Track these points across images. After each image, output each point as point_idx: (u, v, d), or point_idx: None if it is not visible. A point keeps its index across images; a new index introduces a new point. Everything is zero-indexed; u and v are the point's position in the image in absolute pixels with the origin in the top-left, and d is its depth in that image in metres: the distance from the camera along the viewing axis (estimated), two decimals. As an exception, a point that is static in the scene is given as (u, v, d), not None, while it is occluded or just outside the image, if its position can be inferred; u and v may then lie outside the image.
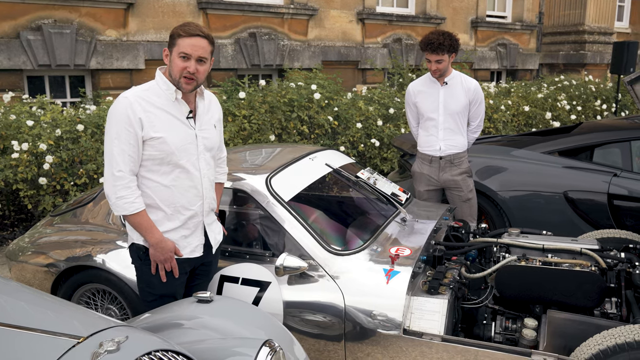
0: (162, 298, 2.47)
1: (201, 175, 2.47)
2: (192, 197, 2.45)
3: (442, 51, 3.72)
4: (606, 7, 12.98)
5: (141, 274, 2.50)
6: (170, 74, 2.35)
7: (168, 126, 2.35)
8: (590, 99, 9.60)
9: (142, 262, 2.46)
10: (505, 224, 4.48)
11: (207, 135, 2.48)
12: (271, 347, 1.89)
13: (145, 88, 2.37)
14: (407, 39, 10.24)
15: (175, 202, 2.42)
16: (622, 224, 4.15)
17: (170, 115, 2.36)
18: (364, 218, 3.29)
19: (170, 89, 2.36)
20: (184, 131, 2.39)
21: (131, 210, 2.33)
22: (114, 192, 2.31)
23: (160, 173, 2.38)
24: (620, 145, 4.35)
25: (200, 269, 2.63)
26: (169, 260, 2.42)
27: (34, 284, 3.31)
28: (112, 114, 2.30)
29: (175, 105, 2.38)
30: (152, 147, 2.33)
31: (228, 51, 8.10)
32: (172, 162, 2.37)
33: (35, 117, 5.18)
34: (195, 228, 2.51)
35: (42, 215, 5.21)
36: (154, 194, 2.39)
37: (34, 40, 6.51)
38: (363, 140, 6.65)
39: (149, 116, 2.31)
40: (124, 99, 2.30)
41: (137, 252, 2.47)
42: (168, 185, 2.39)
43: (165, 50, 2.37)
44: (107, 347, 1.50)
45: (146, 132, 2.30)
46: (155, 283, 2.46)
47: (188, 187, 2.43)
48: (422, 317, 2.54)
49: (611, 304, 2.70)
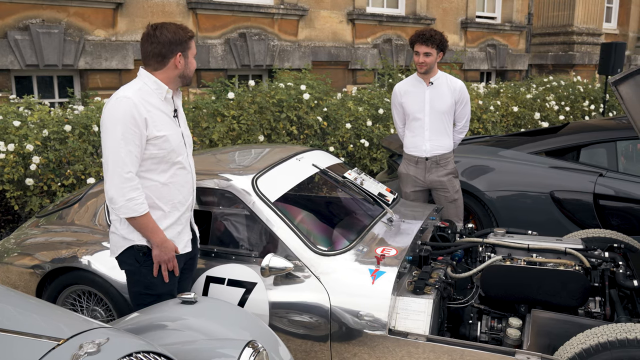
0: (161, 297, 2.48)
1: (192, 170, 2.57)
2: (186, 192, 2.54)
3: (432, 43, 3.75)
4: (594, 8, 13.08)
5: (140, 277, 2.47)
6: (184, 74, 2.46)
7: (166, 124, 2.42)
8: (579, 99, 9.66)
9: (142, 265, 2.45)
10: (492, 223, 4.50)
11: (187, 133, 2.59)
12: (254, 347, 1.89)
13: (138, 87, 2.39)
14: (397, 40, 10.27)
15: (172, 199, 2.47)
16: (608, 224, 4.18)
17: (165, 115, 2.43)
18: (351, 218, 3.29)
19: (162, 88, 2.42)
20: (175, 129, 2.47)
21: (140, 212, 2.34)
22: (122, 195, 2.30)
23: (159, 171, 2.42)
24: (606, 146, 4.39)
25: (187, 263, 2.67)
26: (172, 260, 2.45)
27: (19, 285, 3.29)
28: (116, 115, 2.29)
29: (165, 104, 2.45)
30: (155, 146, 2.37)
31: (218, 51, 8.09)
32: (170, 160, 2.43)
33: (22, 117, 5.14)
34: (186, 223, 2.58)
35: (28, 216, 5.17)
36: (152, 193, 2.42)
37: (22, 40, 6.47)
38: (352, 141, 6.66)
39: (152, 115, 2.35)
40: (127, 99, 2.31)
41: (136, 254, 2.45)
42: (166, 182, 2.44)
43: (179, 55, 2.41)
44: (87, 349, 1.49)
45: (150, 132, 2.34)
46: (156, 284, 2.47)
47: (184, 183, 2.51)
48: (407, 317, 2.55)
49: (595, 303, 2.73)
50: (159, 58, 2.40)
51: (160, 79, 2.42)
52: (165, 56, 2.40)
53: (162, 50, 2.39)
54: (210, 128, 5.75)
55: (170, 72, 2.43)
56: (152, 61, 2.41)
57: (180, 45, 2.40)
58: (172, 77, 2.45)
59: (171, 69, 2.43)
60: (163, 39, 2.37)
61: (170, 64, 2.42)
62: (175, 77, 2.46)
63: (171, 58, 2.41)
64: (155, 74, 2.42)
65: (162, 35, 2.37)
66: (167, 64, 2.41)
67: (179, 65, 2.42)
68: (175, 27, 2.41)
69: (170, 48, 2.39)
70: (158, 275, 2.45)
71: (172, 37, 2.38)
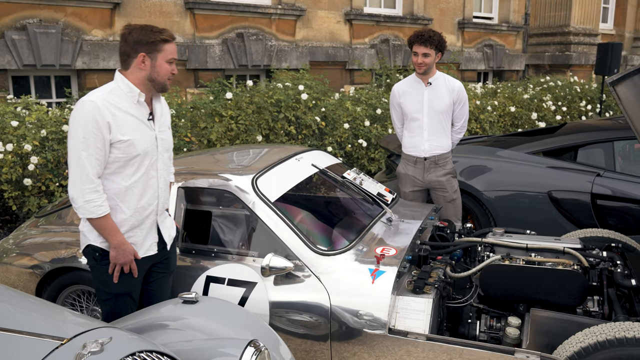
0: (118, 297, 2.52)
1: (158, 175, 2.56)
2: (150, 197, 2.53)
3: (430, 44, 3.77)
4: (591, 8, 13.12)
5: (97, 274, 2.52)
6: (152, 77, 2.42)
7: (134, 128, 2.41)
8: (576, 99, 9.70)
9: (98, 263, 2.49)
10: (490, 223, 4.51)
11: (165, 137, 2.58)
12: (256, 347, 1.90)
13: (108, 90, 2.41)
14: (394, 40, 10.28)
15: (135, 203, 2.48)
16: (605, 224, 4.20)
17: (134, 118, 2.43)
18: (350, 218, 3.30)
19: (134, 91, 2.43)
20: (147, 133, 2.47)
21: (99, 214, 2.37)
22: (81, 196, 2.34)
23: (123, 175, 2.43)
24: (603, 146, 4.41)
25: (157, 267, 2.67)
26: (129, 263, 2.48)
27: (19, 285, 3.28)
28: (79, 118, 2.32)
29: (137, 107, 2.45)
30: (119, 150, 2.38)
31: (215, 51, 8.09)
32: (135, 164, 2.44)
33: (20, 117, 5.14)
34: (151, 227, 2.58)
35: (27, 216, 5.17)
36: (115, 196, 2.44)
37: (19, 40, 6.46)
38: (350, 141, 6.67)
39: (116, 119, 2.36)
40: (91, 102, 2.33)
41: (92, 253, 2.49)
42: (129, 186, 2.45)
43: (142, 55, 2.39)
44: (90, 348, 1.50)
45: (114, 135, 2.35)
46: (111, 282, 2.50)
47: (148, 187, 2.51)
48: (407, 316, 2.56)
49: (593, 302, 2.74)
50: (124, 57, 2.42)
51: (131, 80, 2.42)
52: (129, 55, 2.40)
53: (126, 49, 2.40)
54: (208, 128, 5.75)
55: (137, 74, 2.42)
56: (120, 61, 2.45)
57: (145, 46, 2.38)
58: (141, 79, 2.42)
59: (136, 70, 2.41)
60: (130, 39, 2.38)
61: (134, 65, 2.40)
62: (144, 80, 2.42)
63: (134, 58, 2.39)
64: (126, 75, 2.43)
65: (129, 35, 2.39)
66: (131, 64, 2.41)
67: (142, 66, 2.40)
68: (149, 29, 2.39)
69: (135, 47, 2.38)
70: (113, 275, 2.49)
71: (137, 37, 2.37)
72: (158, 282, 2.69)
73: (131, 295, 2.55)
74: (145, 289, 2.66)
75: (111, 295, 2.52)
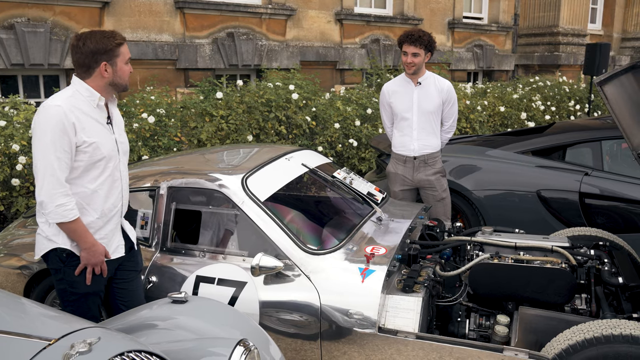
0: (87, 296, 2.53)
1: (121, 177, 2.59)
2: (115, 199, 2.56)
3: (420, 44, 3.78)
4: (579, 9, 13.23)
5: (63, 276, 2.51)
6: (114, 82, 2.46)
7: (97, 132, 2.44)
8: (564, 99, 9.77)
9: (65, 265, 2.48)
10: (480, 222, 4.54)
11: (123, 140, 2.62)
12: (245, 346, 1.90)
13: (69, 94, 2.42)
14: (384, 40, 10.31)
15: (102, 205, 2.50)
16: (593, 222, 4.24)
17: (96, 122, 2.45)
18: (340, 218, 3.31)
19: (94, 95, 2.44)
20: (108, 136, 2.50)
21: (70, 217, 2.37)
22: (52, 201, 2.33)
23: (89, 178, 2.45)
24: (591, 145, 4.45)
25: (124, 266, 2.69)
26: (100, 264, 2.49)
27: (7, 286, 3.26)
28: (46, 123, 2.32)
29: (97, 111, 2.47)
30: (85, 153, 2.40)
31: (206, 51, 8.07)
32: (100, 167, 2.46)
33: (7, 117, 5.09)
34: (115, 228, 2.61)
35: (15, 216, 5.13)
36: (82, 199, 2.45)
37: (7, 39, 6.41)
38: (341, 141, 6.67)
39: (81, 122, 2.38)
40: (57, 107, 2.33)
41: (59, 255, 2.48)
42: (95, 189, 2.47)
43: (104, 64, 2.40)
44: (78, 348, 1.49)
45: (79, 139, 2.36)
46: (80, 283, 2.50)
47: (113, 190, 2.54)
48: (397, 315, 2.56)
49: (581, 300, 2.77)
50: (84, 68, 2.42)
51: (92, 86, 2.44)
52: (89, 66, 2.41)
53: (85, 60, 2.40)
54: (198, 128, 5.73)
55: (99, 81, 2.44)
56: (79, 70, 2.44)
57: (105, 55, 2.40)
58: (102, 85, 2.45)
59: (98, 78, 2.43)
60: (86, 49, 2.38)
61: (97, 74, 2.42)
62: (106, 85, 2.46)
63: (96, 68, 2.41)
64: (86, 82, 2.44)
65: (84, 46, 2.38)
66: (93, 74, 2.43)
67: (105, 74, 2.42)
68: (101, 35, 2.40)
69: (95, 58, 2.39)
70: (82, 275, 2.49)
71: (94, 47, 2.38)
72: (129, 283, 2.71)
73: (100, 295, 2.58)
74: (115, 288, 2.68)
75: (79, 296, 2.52)
